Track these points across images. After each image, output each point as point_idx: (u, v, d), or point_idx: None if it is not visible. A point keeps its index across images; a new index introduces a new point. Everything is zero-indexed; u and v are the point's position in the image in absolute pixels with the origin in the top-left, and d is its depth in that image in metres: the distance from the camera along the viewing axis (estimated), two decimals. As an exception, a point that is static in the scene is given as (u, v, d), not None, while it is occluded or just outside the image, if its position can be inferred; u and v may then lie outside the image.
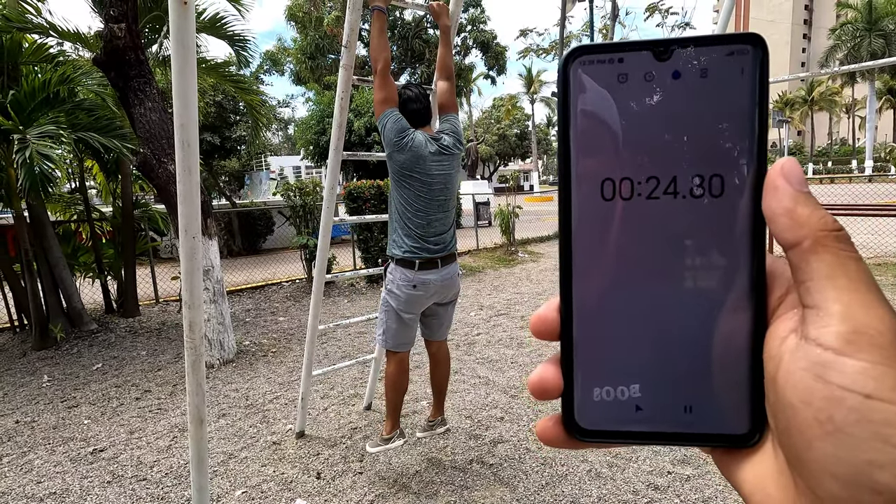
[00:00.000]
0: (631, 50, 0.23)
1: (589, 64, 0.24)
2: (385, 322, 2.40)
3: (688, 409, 0.24)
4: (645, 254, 0.24)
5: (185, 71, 1.28)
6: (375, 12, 2.18)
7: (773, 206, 0.22)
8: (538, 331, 0.26)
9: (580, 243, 0.24)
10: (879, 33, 32.00)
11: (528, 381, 0.26)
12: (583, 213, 0.24)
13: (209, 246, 4.10)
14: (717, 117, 0.23)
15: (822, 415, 0.19)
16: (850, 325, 0.19)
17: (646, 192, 0.23)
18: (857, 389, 0.18)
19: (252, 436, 2.99)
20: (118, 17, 3.73)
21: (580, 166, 0.24)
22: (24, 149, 3.92)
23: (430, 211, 2.26)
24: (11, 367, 4.46)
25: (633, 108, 0.23)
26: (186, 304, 1.50)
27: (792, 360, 0.20)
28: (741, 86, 0.22)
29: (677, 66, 0.23)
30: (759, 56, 0.22)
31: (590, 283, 0.24)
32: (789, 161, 0.22)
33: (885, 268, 6.56)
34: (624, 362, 0.24)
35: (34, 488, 2.57)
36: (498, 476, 2.45)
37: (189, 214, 1.40)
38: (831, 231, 0.21)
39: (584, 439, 0.25)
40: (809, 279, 0.20)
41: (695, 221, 0.23)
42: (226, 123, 12.48)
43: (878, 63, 2.78)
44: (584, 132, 0.24)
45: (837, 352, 0.19)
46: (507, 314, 5.38)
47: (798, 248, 0.21)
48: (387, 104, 2.20)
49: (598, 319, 0.24)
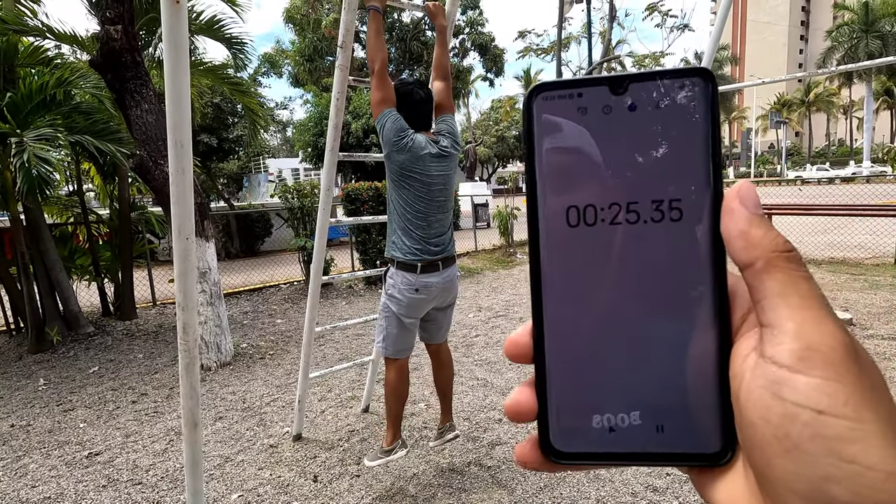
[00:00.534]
0: (589, 85, 0.25)
1: (551, 99, 0.25)
2: (385, 328, 2.36)
3: (660, 428, 0.24)
4: (611, 277, 0.25)
5: (177, 70, 1.27)
6: (372, 13, 2.17)
7: (730, 228, 0.23)
8: (511, 354, 0.27)
9: (549, 268, 0.25)
10: (876, 34, 32.14)
11: (504, 404, 0.26)
12: (550, 238, 0.25)
13: (206, 248, 4.09)
14: (673, 146, 0.24)
15: (779, 431, 0.19)
16: (803, 342, 0.19)
17: (609, 217, 0.25)
18: (811, 405, 0.19)
19: (249, 439, 2.97)
20: (114, 19, 3.72)
21: (546, 195, 0.25)
22: (22, 152, 3.90)
23: (431, 212, 2.25)
24: (7, 370, 4.44)
25: (593, 138, 0.25)
26: (180, 306, 1.49)
27: (752, 378, 0.21)
28: (693, 116, 0.24)
29: (633, 98, 0.24)
30: (708, 88, 0.24)
31: (559, 308, 0.25)
32: (745, 184, 0.23)
33: (883, 268, 6.56)
34: (596, 385, 0.25)
35: (29, 492, 2.55)
36: (496, 479, 2.43)
37: (182, 215, 1.39)
38: (783, 252, 0.21)
39: (559, 462, 0.25)
40: (763, 298, 0.21)
41: (656, 245, 0.24)
42: (223, 125, 12.47)
43: (874, 63, 2.78)
44: (548, 163, 0.25)
45: (791, 369, 0.19)
46: (506, 316, 5.37)
47: (752, 269, 0.22)
48: (385, 104, 2.19)
49: (569, 343, 0.25)
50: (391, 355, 2.39)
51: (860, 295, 5.25)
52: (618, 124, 0.24)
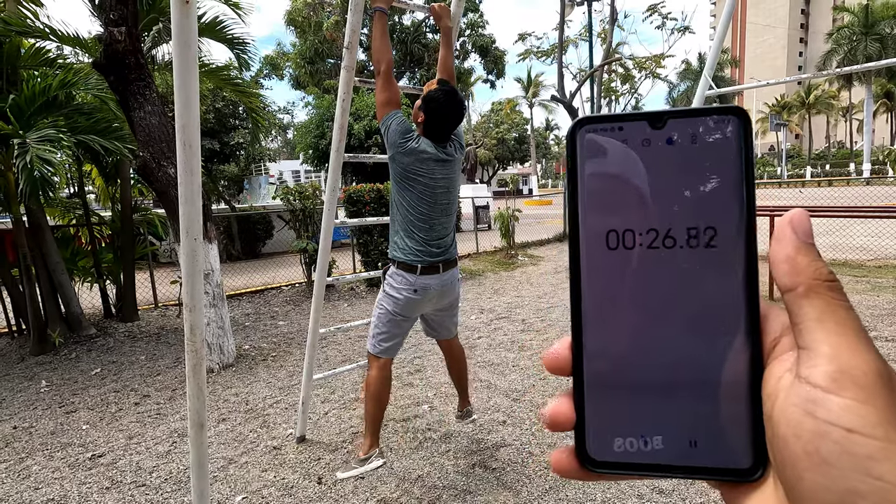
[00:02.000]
0: (630, 120, 0.26)
1: (593, 132, 0.27)
2: (377, 325, 2.36)
3: (693, 443, 0.25)
4: (648, 299, 0.26)
5: (186, 71, 1.27)
6: (377, 14, 2.18)
7: (777, 253, 0.24)
8: (552, 367, 0.28)
9: (588, 287, 0.27)
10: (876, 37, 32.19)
11: (542, 413, 0.28)
12: (590, 260, 0.27)
13: (209, 250, 4.08)
14: (708, 178, 0.25)
15: (810, 447, 0.20)
16: (837, 365, 0.20)
17: (647, 242, 0.26)
18: (842, 424, 0.20)
19: (252, 441, 2.96)
20: (118, 20, 3.72)
21: (587, 219, 0.27)
22: (25, 153, 3.90)
23: (434, 215, 2.24)
24: (9, 372, 4.43)
25: (633, 168, 0.26)
26: (187, 307, 1.48)
27: (786, 397, 0.22)
28: (728, 149, 0.25)
29: (671, 133, 0.26)
30: (742, 125, 0.25)
31: (598, 324, 0.27)
32: (799, 213, 0.24)
33: (885, 270, 6.56)
34: (632, 399, 0.26)
35: (32, 494, 2.54)
36: (501, 480, 2.42)
37: (190, 216, 1.39)
38: (825, 280, 0.23)
39: (595, 470, 0.26)
40: (802, 322, 0.22)
41: (692, 270, 0.26)
42: (225, 129, 12.47)
43: (873, 66, 2.78)
44: (590, 190, 0.27)
45: (825, 389, 0.20)
46: (508, 317, 5.36)
47: (794, 293, 0.23)
48: (390, 106, 2.19)
49: (607, 359, 0.27)
50: (378, 353, 2.38)
51: (863, 297, 5.24)
52: (656, 156, 0.26)
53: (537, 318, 5.27)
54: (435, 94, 2.18)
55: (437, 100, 2.17)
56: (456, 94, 2.22)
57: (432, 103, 2.17)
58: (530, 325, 5.03)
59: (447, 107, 2.19)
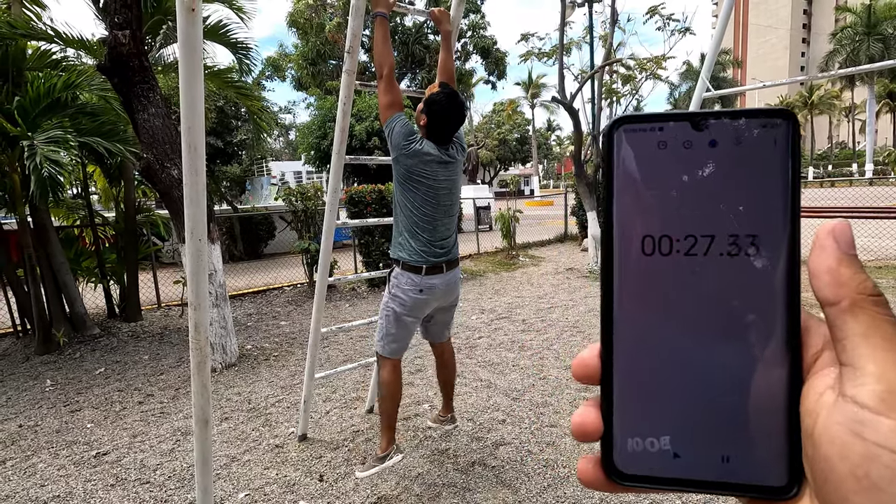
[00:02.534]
0: (671, 120, 0.25)
1: (632, 132, 0.25)
2: (385, 327, 2.39)
3: (725, 459, 0.24)
4: (683, 307, 0.25)
5: (192, 76, 1.31)
6: (378, 18, 2.21)
7: (818, 264, 0.22)
8: (579, 375, 0.27)
9: (621, 294, 0.26)
10: (878, 37, 32.12)
11: (571, 422, 0.27)
12: (624, 265, 0.25)
13: (211, 250, 4.12)
14: (751, 183, 0.24)
15: (859, 471, 0.19)
16: (886, 385, 0.20)
17: (684, 249, 0.25)
18: (893, 447, 0.19)
19: (255, 439, 3.00)
20: (122, 24, 3.77)
21: (622, 223, 0.25)
22: (34, 155, 3.94)
23: (437, 216, 2.28)
24: (15, 371, 4.47)
25: (672, 171, 0.25)
26: (192, 306, 1.52)
27: (829, 416, 0.21)
28: (774, 154, 0.24)
29: (714, 135, 0.25)
30: (790, 128, 0.24)
31: (629, 333, 0.25)
32: (841, 224, 0.23)
33: (885, 270, 6.56)
34: (663, 411, 0.25)
35: (38, 491, 2.58)
36: (500, 478, 2.45)
37: (195, 217, 1.42)
38: (870, 295, 0.21)
39: (622, 483, 0.25)
40: (846, 338, 0.21)
41: (731, 279, 0.24)
42: (227, 129, 12.53)
43: (875, 66, 2.80)
44: (626, 192, 0.25)
45: (873, 410, 0.19)
46: (509, 318, 5.39)
47: (837, 307, 0.22)
48: (393, 109, 2.22)
49: (638, 368, 0.25)
50: (388, 354, 2.42)
51: (862, 297, 5.25)
52: (697, 159, 0.25)
53: (538, 318, 5.30)
54: (436, 96, 2.21)
55: (438, 102, 2.20)
56: (457, 96, 2.25)
57: (434, 106, 2.21)
58: (530, 325, 5.06)
59: (448, 109, 2.22)
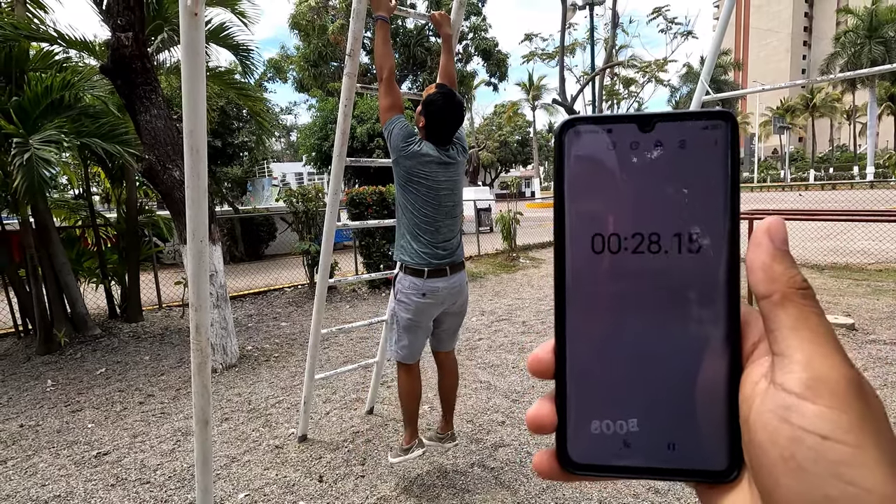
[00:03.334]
0: (618, 122, 0.26)
1: (582, 133, 0.26)
2: (396, 333, 2.39)
3: (671, 446, 0.26)
4: (631, 302, 0.26)
5: (194, 79, 1.32)
6: (379, 21, 2.22)
7: (753, 260, 0.24)
8: (535, 370, 0.28)
9: (572, 291, 0.27)
10: (880, 40, 32.13)
11: (525, 415, 0.28)
12: (575, 263, 0.27)
13: (212, 251, 4.14)
14: (695, 181, 0.25)
15: (786, 453, 0.21)
16: (811, 372, 0.21)
17: (631, 246, 0.26)
18: (816, 431, 0.20)
19: (255, 440, 3.01)
20: (125, 26, 3.79)
21: (573, 222, 0.26)
22: (24, 152, 3.95)
23: (439, 217, 2.26)
24: (16, 371, 4.49)
25: (620, 171, 0.26)
26: (193, 307, 1.53)
27: (762, 403, 0.22)
28: (715, 154, 0.25)
29: (659, 136, 0.26)
30: (729, 130, 0.25)
31: (581, 329, 0.27)
32: (776, 221, 0.24)
33: (886, 273, 6.56)
34: (613, 402, 0.26)
35: (39, 491, 2.59)
36: (499, 479, 2.46)
37: (197, 219, 1.43)
38: (799, 288, 0.23)
39: (575, 472, 0.27)
40: (777, 329, 0.23)
41: (675, 274, 0.26)
42: (228, 130, 12.55)
43: (877, 70, 2.80)
44: (576, 192, 0.26)
45: (800, 396, 0.21)
46: (509, 319, 5.39)
47: (769, 300, 0.23)
48: (393, 111, 2.22)
49: (589, 362, 0.27)
50: (402, 360, 2.41)
51: (863, 300, 5.26)
52: (644, 159, 0.26)
53: (538, 320, 5.31)
54: (433, 97, 2.21)
55: (435, 102, 2.20)
56: (454, 95, 2.24)
57: (431, 106, 2.21)
58: (530, 326, 5.06)
59: (446, 109, 2.22)
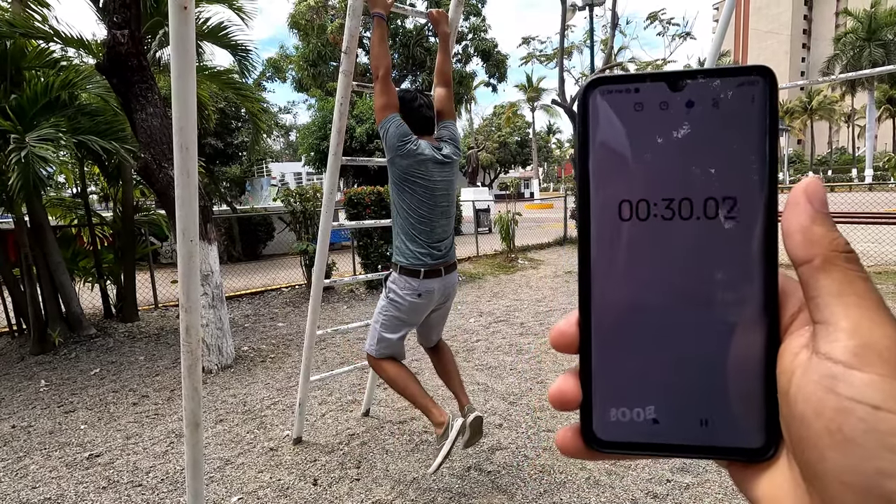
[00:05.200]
0: (647, 81, 0.24)
1: (607, 93, 0.25)
2: (380, 332, 2.36)
3: (704, 422, 0.24)
4: (660, 272, 0.25)
5: (184, 75, 1.29)
6: (376, 20, 2.20)
7: (791, 223, 0.22)
8: (558, 344, 0.27)
9: (598, 260, 0.25)
10: (879, 43, 32.21)
11: (548, 391, 0.26)
12: (601, 231, 0.25)
13: (209, 251, 4.11)
14: (729, 143, 0.24)
15: (832, 425, 0.19)
16: (859, 339, 0.19)
17: (661, 213, 0.24)
18: (866, 401, 0.19)
19: (249, 442, 2.98)
20: (121, 23, 3.76)
21: (598, 188, 0.25)
22: (21, 149, 3.92)
23: (434, 217, 2.27)
24: (9, 371, 4.45)
25: (649, 134, 0.24)
26: (184, 308, 1.50)
27: (804, 374, 0.21)
28: (751, 114, 0.23)
29: (691, 95, 0.24)
30: (767, 86, 0.23)
31: (607, 300, 0.25)
32: (814, 181, 0.22)
33: (885, 276, 6.55)
34: (641, 376, 0.25)
35: (29, 493, 2.56)
36: (496, 483, 2.43)
37: (187, 217, 1.40)
38: (842, 252, 0.21)
39: (602, 450, 0.25)
40: (819, 296, 0.21)
41: (709, 242, 0.24)
42: (227, 129, 12.53)
43: (875, 72, 2.79)
44: (601, 156, 0.25)
45: (847, 365, 0.19)
46: (507, 321, 5.37)
47: (809, 266, 0.21)
48: (388, 110, 2.21)
49: (616, 335, 0.25)
50: (381, 357, 2.38)
51: (862, 303, 5.24)
52: (674, 121, 0.24)
53: (536, 321, 5.28)
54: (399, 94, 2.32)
55: (401, 98, 2.30)
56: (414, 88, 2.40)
57: (400, 102, 2.28)
58: (528, 328, 5.04)
59: (408, 96, 2.32)
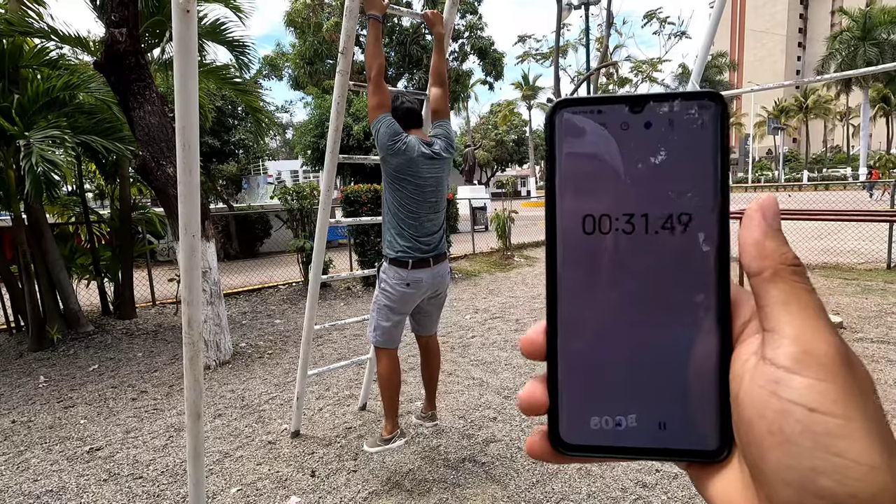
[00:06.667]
0: (609, 103, 0.26)
1: (573, 114, 0.27)
2: (376, 319, 2.48)
3: (662, 426, 0.26)
4: (622, 283, 0.26)
5: (186, 75, 1.34)
6: (371, 20, 2.24)
7: (745, 237, 0.24)
8: (527, 352, 0.28)
9: (564, 272, 0.27)
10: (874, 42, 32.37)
11: (517, 397, 0.28)
12: (566, 244, 0.27)
13: (206, 248, 4.14)
14: (684, 162, 0.26)
15: (773, 426, 0.21)
16: (800, 346, 0.21)
17: (622, 227, 0.26)
18: (804, 403, 0.20)
19: (248, 435, 3.02)
20: (119, 22, 3.78)
21: (564, 203, 0.27)
22: (30, 154, 3.96)
23: (422, 212, 2.35)
24: (8, 367, 4.48)
25: (611, 152, 0.26)
26: (185, 301, 1.55)
27: (751, 379, 0.22)
28: (704, 134, 0.25)
29: (649, 117, 0.26)
30: (718, 109, 0.25)
31: (572, 309, 0.27)
32: (769, 198, 0.24)
33: (875, 273, 6.64)
34: (604, 382, 0.26)
35: (31, 486, 2.60)
36: (490, 474, 2.49)
37: (189, 213, 1.45)
38: (790, 265, 0.23)
39: (567, 453, 0.27)
40: (767, 305, 0.23)
41: (666, 254, 0.26)
42: (224, 128, 12.53)
43: (870, 70, 2.82)
44: (567, 173, 0.26)
45: (788, 370, 0.21)
46: (502, 317, 5.43)
47: (760, 277, 0.23)
48: (381, 109, 2.28)
49: (581, 342, 0.27)
50: (382, 345, 2.50)
51: (851, 299, 5.32)
52: (634, 140, 0.26)
53: (531, 318, 5.34)
54: None
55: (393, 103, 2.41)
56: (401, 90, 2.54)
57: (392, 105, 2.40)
58: (524, 324, 5.09)
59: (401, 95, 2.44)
